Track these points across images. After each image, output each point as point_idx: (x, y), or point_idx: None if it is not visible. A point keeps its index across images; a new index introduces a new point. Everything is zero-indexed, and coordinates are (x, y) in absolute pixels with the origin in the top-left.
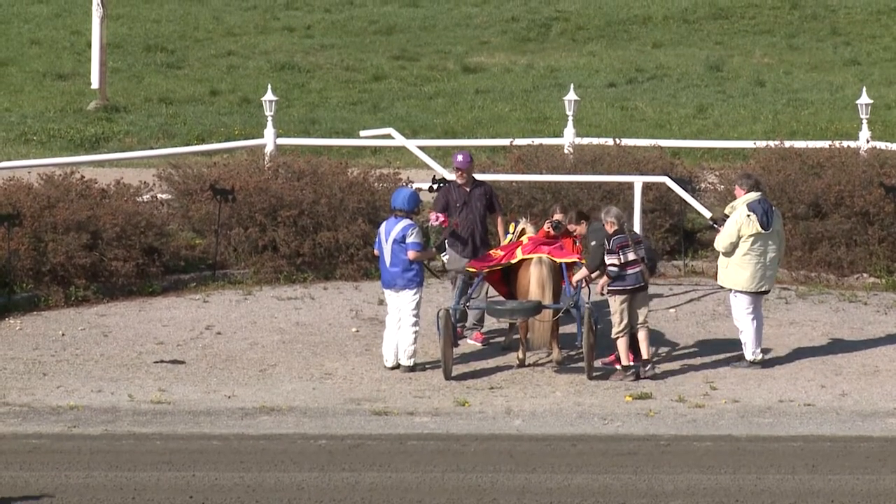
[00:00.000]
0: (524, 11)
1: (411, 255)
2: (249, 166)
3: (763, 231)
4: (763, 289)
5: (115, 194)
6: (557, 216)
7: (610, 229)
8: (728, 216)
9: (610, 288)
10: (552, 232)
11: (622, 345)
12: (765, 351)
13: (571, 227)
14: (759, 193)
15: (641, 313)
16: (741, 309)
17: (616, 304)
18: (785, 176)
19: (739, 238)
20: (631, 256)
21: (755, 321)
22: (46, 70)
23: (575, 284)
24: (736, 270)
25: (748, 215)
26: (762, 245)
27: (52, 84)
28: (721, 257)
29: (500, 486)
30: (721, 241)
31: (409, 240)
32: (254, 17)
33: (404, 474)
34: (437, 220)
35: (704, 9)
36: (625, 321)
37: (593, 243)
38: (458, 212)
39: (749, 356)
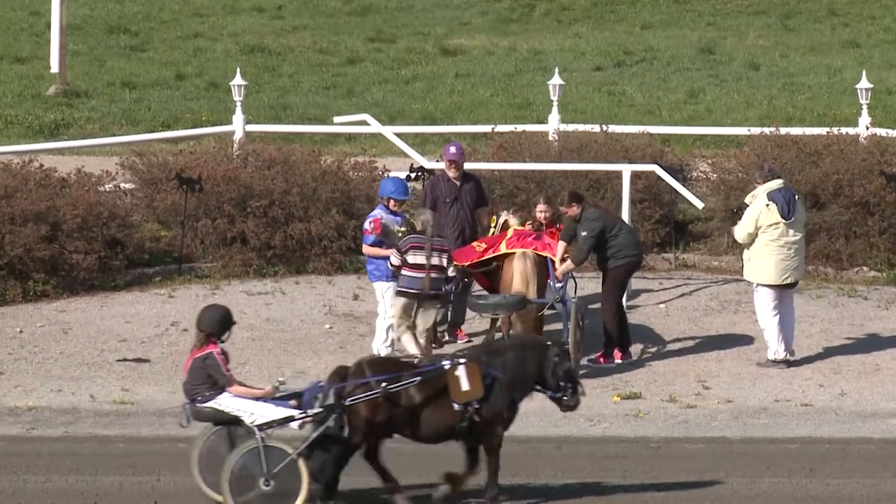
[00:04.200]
0: None
1: (364, 248)
2: (217, 154)
3: (784, 220)
4: (788, 281)
5: (75, 184)
6: (541, 206)
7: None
8: (748, 206)
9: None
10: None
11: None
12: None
13: (563, 210)
14: (780, 181)
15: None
16: (764, 304)
17: None
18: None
19: (758, 228)
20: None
21: (779, 317)
22: (3, 53)
23: (560, 277)
24: (758, 263)
25: (767, 204)
26: (784, 235)
27: (10, 68)
28: (745, 250)
29: (481, 490)
30: (740, 232)
31: (364, 232)
32: None
33: None
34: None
35: None
36: None
37: (584, 234)
38: (448, 207)
39: (770, 354)
